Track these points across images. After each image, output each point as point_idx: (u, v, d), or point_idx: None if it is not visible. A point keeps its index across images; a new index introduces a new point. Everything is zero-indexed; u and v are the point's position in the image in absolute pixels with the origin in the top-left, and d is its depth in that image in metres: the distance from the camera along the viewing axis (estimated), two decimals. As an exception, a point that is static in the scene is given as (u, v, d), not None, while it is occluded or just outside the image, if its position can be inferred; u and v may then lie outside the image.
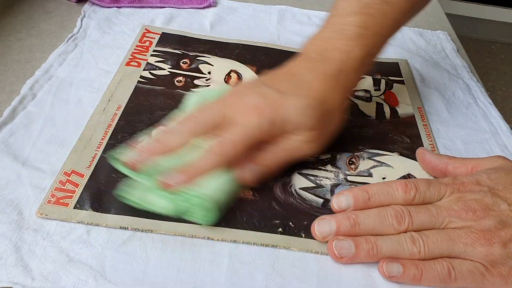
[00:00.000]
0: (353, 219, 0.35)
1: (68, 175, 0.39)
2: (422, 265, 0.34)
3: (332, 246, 0.35)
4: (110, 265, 0.33)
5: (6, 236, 0.34)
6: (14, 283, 0.31)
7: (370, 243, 0.34)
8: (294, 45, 0.60)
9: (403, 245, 0.34)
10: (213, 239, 0.36)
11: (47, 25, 0.58)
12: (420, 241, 0.34)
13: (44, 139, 0.42)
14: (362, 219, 0.35)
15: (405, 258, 0.34)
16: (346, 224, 0.35)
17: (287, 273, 0.34)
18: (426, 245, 0.34)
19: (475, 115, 0.52)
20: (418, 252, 0.34)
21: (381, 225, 0.35)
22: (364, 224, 0.35)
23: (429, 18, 0.72)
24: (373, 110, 0.51)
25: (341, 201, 0.37)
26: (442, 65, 0.60)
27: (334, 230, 0.35)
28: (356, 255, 0.34)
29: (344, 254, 0.34)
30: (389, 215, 0.35)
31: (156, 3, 0.64)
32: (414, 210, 0.35)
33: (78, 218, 0.36)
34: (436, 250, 0.34)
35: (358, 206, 0.37)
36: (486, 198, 0.35)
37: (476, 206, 0.35)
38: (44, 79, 0.49)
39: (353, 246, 0.34)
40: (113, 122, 0.45)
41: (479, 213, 0.35)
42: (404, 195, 0.36)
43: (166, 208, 0.36)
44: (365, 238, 0.35)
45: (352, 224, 0.35)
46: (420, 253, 0.34)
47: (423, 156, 0.43)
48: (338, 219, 0.36)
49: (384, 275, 0.34)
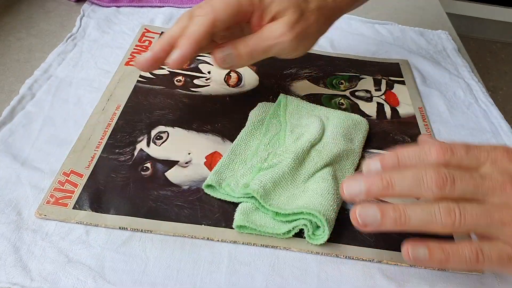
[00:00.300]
0: (386, 180, 0.31)
1: (67, 175, 0.39)
2: (449, 249, 0.31)
3: (356, 214, 0.31)
4: (110, 265, 0.33)
5: (5, 237, 0.34)
6: (13, 283, 0.31)
7: (398, 211, 0.31)
8: (294, 45, 0.60)
9: (436, 216, 0.30)
10: (213, 240, 0.36)
11: (47, 24, 0.58)
12: (457, 213, 0.30)
13: (43, 139, 0.42)
14: (397, 179, 0.31)
15: (436, 231, 0.31)
16: (378, 185, 0.31)
17: (287, 274, 0.34)
18: (463, 218, 0.30)
19: (476, 115, 0.52)
20: (451, 224, 0.30)
21: (418, 189, 0.31)
22: (399, 185, 0.31)
23: (430, 17, 0.72)
24: (374, 110, 0.50)
25: (369, 164, 0.34)
26: (443, 64, 0.60)
27: (364, 190, 0.32)
28: (381, 224, 0.31)
29: (369, 222, 0.31)
30: (428, 178, 0.31)
31: (155, 3, 0.64)
32: (459, 176, 0.31)
33: (77, 218, 0.35)
34: (472, 225, 0.30)
35: (387, 167, 0.33)
36: None
37: None
38: (43, 79, 0.49)
39: (378, 214, 0.31)
40: (113, 121, 0.44)
41: None
42: (437, 159, 0.32)
43: (281, 229, 0.35)
44: (392, 206, 0.31)
45: (385, 186, 0.31)
46: (454, 226, 0.30)
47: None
48: (369, 179, 0.32)
49: (408, 258, 0.31)
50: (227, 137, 0.44)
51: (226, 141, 0.44)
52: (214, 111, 0.47)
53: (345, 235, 0.37)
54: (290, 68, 0.55)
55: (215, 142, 0.44)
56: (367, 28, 0.66)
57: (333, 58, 0.58)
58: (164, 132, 0.44)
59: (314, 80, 0.54)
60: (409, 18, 0.71)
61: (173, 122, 0.45)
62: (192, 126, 0.45)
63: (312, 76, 0.54)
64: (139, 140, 0.43)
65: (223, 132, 0.45)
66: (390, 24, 0.67)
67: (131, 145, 0.42)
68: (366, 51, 0.61)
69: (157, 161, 0.41)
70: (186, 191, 0.39)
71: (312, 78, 0.54)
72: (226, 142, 0.44)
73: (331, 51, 0.59)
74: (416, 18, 0.71)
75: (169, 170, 0.40)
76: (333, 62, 0.57)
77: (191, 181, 0.40)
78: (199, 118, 0.46)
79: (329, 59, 0.58)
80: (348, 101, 0.51)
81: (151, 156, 0.41)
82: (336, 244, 0.36)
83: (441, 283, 0.35)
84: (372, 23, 0.67)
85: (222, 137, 0.44)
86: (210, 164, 0.41)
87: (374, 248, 0.36)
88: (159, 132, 0.44)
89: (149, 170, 0.40)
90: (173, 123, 0.45)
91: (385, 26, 0.67)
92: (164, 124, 0.45)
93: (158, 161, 0.41)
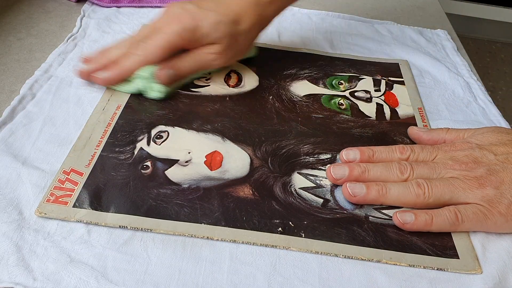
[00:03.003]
0: (363, 166, 0.40)
1: (68, 173, 0.39)
2: (431, 212, 0.38)
3: (347, 187, 0.39)
4: (112, 265, 0.33)
5: (7, 236, 0.34)
6: (16, 283, 0.31)
7: (380, 185, 0.39)
8: (294, 45, 0.60)
9: (410, 188, 0.38)
10: (213, 239, 0.36)
11: (47, 24, 0.58)
12: (425, 185, 0.38)
13: (43, 138, 0.42)
14: (371, 167, 0.40)
15: (411, 201, 0.38)
16: (357, 170, 0.40)
17: (288, 274, 0.34)
18: (430, 188, 0.38)
19: (475, 113, 0.52)
20: (423, 193, 0.38)
21: (387, 173, 0.40)
22: (373, 171, 0.40)
23: (429, 17, 0.72)
24: (373, 110, 0.51)
25: (349, 153, 0.42)
26: (442, 63, 0.60)
27: (346, 173, 0.40)
28: (367, 194, 0.39)
29: (357, 193, 0.39)
30: (394, 166, 0.40)
31: (155, 3, 0.64)
32: (415, 164, 0.41)
33: (77, 217, 0.36)
34: (438, 193, 0.38)
35: (364, 160, 0.42)
36: (475, 153, 0.40)
37: (466, 160, 0.40)
38: (44, 79, 0.49)
39: (364, 187, 0.39)
40: (113, 121, 0.45)
41: (471, 164, 0.39)
42: (400, 155, 0.42)
43: (128, 89, 0.47)
44: (375, 182, 0.39)
45: (362, 171, 0.40)
46: (425, 195, 0.38)
47: (419, 136, 0.46)
48: (350, 166, 0.41)
49: (399, 223, 0.38)
50: (227, 137, 0.44)
51: (226, 140, 0.44)
52: (214, 111, 0.48)
53: (345, 235, 0.37)
54: (290, 68, 0.55)
55: (215, 141, 0.44)
56: (366, 28, 0.66)
57: (333, 58, 0.58)
58: (165, 132, 0.44)
59: (314, 80, 0.54)
60: (408, 18, 0.71)
61: (173, 122, 0.45)
62: (192, 126, 0.45)
63: (312, 76, 0.54)
64: (139, 139, 0.43)
65: (223, 131, 0.45)
66: (390, 24, 0.68)
67: (131, 144, 0.42)
68: (365, 50, 0.61)
69: (157, 159, 0.41)
70: (186, 189, 0.39)
71: (312, 78, 0.54)
72: (226, 141, 0.44)
73: (331, 51, 0.60)
74: (415, 18, 0.72)
75: (169, 169, 0.40)
76: (333, 62, 0.57)
77: (191, 179, 0.40)
78: (199, 118, 0.46)
79: (329, 59, 0.58)
80: (348, 102, 0.51)
81: (151, 154, 0.42)
82: (336, 244, 0.36)
83: (441, 283, 0.35)
84: (372, 22, 0.68)
85: (222, 137, 0.44)
86: (210, 163, 0.41)
87: (374, 248, 0.36)
88: (159, 131, 0.44)
89: (149, 168, 0.40)
90: (173, 122, 0.45)
91: (385, 26, 0.67)
92: (164, 123, 0.45)
93: (158, 160, 0.41)
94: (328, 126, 0.47)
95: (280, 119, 0.48)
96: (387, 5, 0.74)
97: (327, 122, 0.48)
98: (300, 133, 0.46)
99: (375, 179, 0.40)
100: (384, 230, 0.38)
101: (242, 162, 0.42)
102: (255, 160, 0.42)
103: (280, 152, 0.44)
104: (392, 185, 0.39)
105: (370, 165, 0.41)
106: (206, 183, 0.40)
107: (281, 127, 0.47)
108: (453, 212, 0.37)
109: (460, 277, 0.35)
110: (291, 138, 0.45)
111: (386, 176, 0.40)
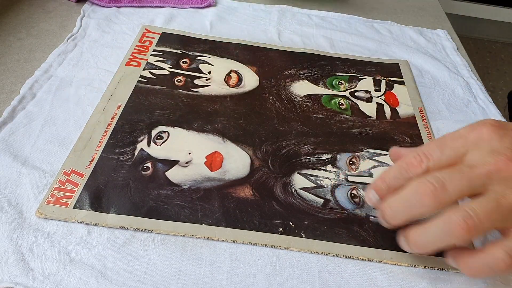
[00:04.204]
0: (388, 210, 0.32)
1: (68, 174, 0.39)
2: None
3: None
4: (112, 265, 0.33)
5: (7, 236, 0.34)
6: (16, 283, 0.31)
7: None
8: (294, 45, 0.60)
9: (455, 220, 0.28)
10: (213, 239, 0.36)
11: (47, 24, 0.58)
12: (472, 216, 0.28)
13: (44, 138, 0.42)
14: (395, 209, 0.32)
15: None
16: (384, 214, 0.33)
17: (289, 274, 0.34)
18: (477, 220, 0.28)
19: (475, 113, 0.52)
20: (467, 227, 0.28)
21: (415, 209, 0.31)
22: (400, 213, 0.32)
23: (429, 17, 0.72)
24: (374, 110, 0.51)
25: (370, 198, 0.34)
26: (442, 63, 0.60)
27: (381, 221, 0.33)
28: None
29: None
30: (417, 194, 0.30)
31: (156, 3, 0.64)
32: (446, 177, 0.29)
33: (78, 218, 0.36)
34: (488, 223, 0.28)
35: (383, 195, 0.33)
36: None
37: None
38: (44, 79, 0.49)
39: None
40: (113, 121, 0.45)
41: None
42: (416, 172, 0.31)
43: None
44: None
45: (390, 215, 0.32)
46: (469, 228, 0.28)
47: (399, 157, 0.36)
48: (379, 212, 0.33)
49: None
50: (228, 137, 0.44)
51: (226, 141, 0.44)
52: (214, 111, 0.47)
53: (345, 235, 0.37)
54: (290, 68, 0.55)
55: (215, 142, 0.44)
56: (366, 28, 0.66)
57: (333, 58, 0.58)
58: (165, 132, 0.44)
59: (314, 81, 0.54)
60: (408, 18, 0.71)
61: (173, 122, 0.45)
62: (192, 126, 0.45)
63: (312, 76, 0.54)
64: (140, 140, 0.43)
65: (223, 132, 0.45)
66: (390, 24, 0.68)
67: (132, 145, 0.42)
68: (365, 50, 0.61)
69: (158, 160, 0.41)
70: (186, 190, 0.39)
71: (312, 78, 0.54)
72: (227, 142, 0.44)
73: (331, 51, 0.60)
74: (415, 18, 0.72)
75: (169, 170, 0.40)
76: (333, 62, 0.57)
77: (191, 180, 0.40)
78: (199, 118, 0.46)
79: (329, 59, 0.58)
80: (348, 102, 0.51)
81: (152, 155, 0.42)
82: (336, 244, 0.36)
83: (442, 283, 0.35)
84: (372, 22, 0.68)
85: (222, 137, 0.44)
86: (210, 164, 0.41)
87: (374, 248, 0.36)
88: (159, 132, 0.44)
89: (149, 169, 0.40)
90: (173, 123, 0.45)
91: (385, 26, 0.67)
92: (164, 124, 0.45)
93: (158, 161, 0.41)
94: (328, 126, 0.47)
95: (280, 119, 0.48)
96: (387, 5, 0.74)
97: (327, 122, 0.48)
98: (300, 133, 0.46)
99: (408, 220, 0.32)
100: (384, 230, 0.38)
101: (242, 162, 0.42)
102: (255, 160, 0.42)
103: (280, 153, 0.44)
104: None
105: (393, 204, 0.32)
106: (207, 184, 0.40)
107: (282, 127, 0.47)
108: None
109: (460, 277, 0.35)
110: (292, 138, 0.45)
111: (416, 212, 0.30)
